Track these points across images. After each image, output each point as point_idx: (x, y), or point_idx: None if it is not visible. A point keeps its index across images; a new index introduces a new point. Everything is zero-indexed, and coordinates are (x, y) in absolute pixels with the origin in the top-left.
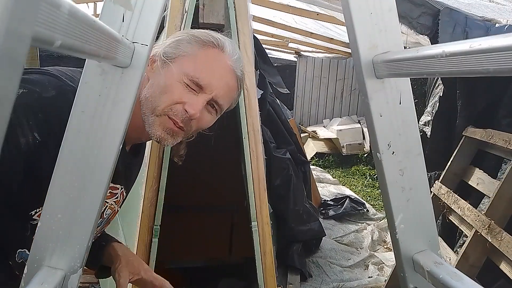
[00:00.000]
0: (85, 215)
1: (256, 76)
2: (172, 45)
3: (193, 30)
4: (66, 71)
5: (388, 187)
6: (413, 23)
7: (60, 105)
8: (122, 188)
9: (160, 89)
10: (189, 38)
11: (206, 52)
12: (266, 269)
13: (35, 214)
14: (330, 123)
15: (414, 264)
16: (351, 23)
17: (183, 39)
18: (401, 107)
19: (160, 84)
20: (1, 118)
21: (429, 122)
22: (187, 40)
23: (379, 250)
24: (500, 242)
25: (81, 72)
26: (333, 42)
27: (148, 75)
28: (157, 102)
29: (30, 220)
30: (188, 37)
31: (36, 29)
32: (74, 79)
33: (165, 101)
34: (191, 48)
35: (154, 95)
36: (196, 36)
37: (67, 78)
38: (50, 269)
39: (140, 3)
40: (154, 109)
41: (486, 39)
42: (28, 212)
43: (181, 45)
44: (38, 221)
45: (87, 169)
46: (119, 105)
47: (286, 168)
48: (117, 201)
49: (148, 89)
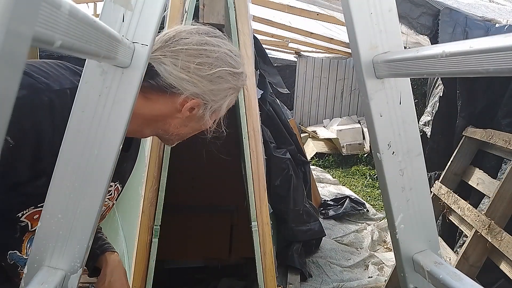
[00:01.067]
0: (85, 215)
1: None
2: (214, 90)
3: (228, 57)
4: (40, 65)
5: (388, 187)
6: (413, 23)
7: (32, 106)
8: (116, 183)
9: (190, 132)
10: (227, 75)
11: (235, 97)
12: (266, 269)
13: (22, 216)
14: (330, 123)
15: (414, 264)
16: (351, 23)
17: (223, 76)
18: (401, 107)
19: (193, 128)
20: (1, 118)
21: (429, 122)
22: (226, 81)
23: (379, 250)
24: (500, 242)
25: (63, 65)
26: (333, 42)
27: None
28: (181, 136)
29: (18, 222)
30: (226, 74)
31: (36, 29)
32: (49, 75)
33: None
34: (228, 94)
35: (182, 131)
36: (233, 73)
37: (40, 74)
38: (50, 269)
39: (140, 3)
40: (174, 137)
41: (486, 39)
42: (15, 214)
43: (222, 92)
44: (26, 223)
45: (87, 169)
46: (119, 105)
47: (286, 168)
48: (111, 197)
49: (180, 127)
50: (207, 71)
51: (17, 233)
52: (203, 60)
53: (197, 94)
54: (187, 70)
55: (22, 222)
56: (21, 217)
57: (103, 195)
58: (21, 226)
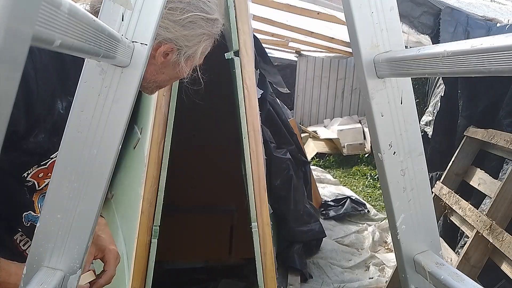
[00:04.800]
0: (85, 215)
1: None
2: (187, 35)
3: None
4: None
5: (390, 187)
6: (414, 22)
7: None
8: None
9: (167, 78)
10: (199, 20)
11: (210, 43)
12: (266, 270)
13: (28, 176)
14: (331, 123)
15: (415, 265)
16: (352, 22)
17: (195, 21)
18: (402, 106)
19: (169, 75)
20: (1, 118)
21: (431, 122)
22: (199, 26)
23: (380, 251)
24: (501, 243)
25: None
26: (334, 41)
27: (157, 60)
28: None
29: (25, 182)
30: (199, 19)
31: (36, 28)
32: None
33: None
34: (201, 40)
35: (159, 78)
36: (205, 18)
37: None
38: (49, 270)
39: (140, 2)
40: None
41: (488, 38)
42: (21, 174)
43: (195, 37)
44: (32, 182)
45: (86, 169)
46: (119, 105)
47: (287, 169)
48: None
49: (157, 74)
50: (178, 16)
51: (27, 194)
52: (175, 5)
53: (170, 39)
54: None
55: (29, 182)
56: (27, 177)
57: (103, 195)
58: (28, 186)
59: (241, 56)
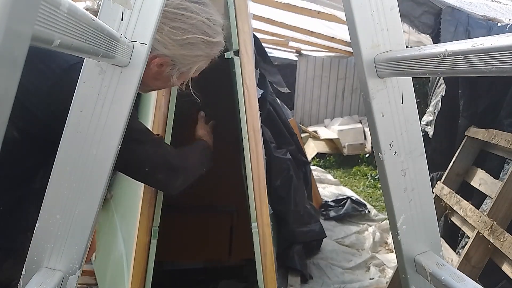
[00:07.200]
0: (84, 216)
1: (256, 76)
2: (185, 55)
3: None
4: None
5: (390, 187)
6: (415, 22)
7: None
8: None
9: (159, 85)
10: (200, 42)
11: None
12: (267, 271)
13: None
14: (331, 123)
15: (416, 266)
16: (353, 22)
17: (195, 43)
18: (403, 106)
19: (162, 83)
20: (1, 118)
21: (431, 122)
22: (198, 48)
23: (380, 251)
24: (502, 243)
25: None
26: (334, 41)
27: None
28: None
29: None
30: (199, 41)
31: (35, 28)
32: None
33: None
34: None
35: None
36: (206, 41)
37: None
38: (49, 270)
39: (139, 2)
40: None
41: (489, 38)
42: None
43: (192, 58)
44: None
45: (86, 169)
46: (118, 104)
47: (287, 169)
48: None
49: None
50: (180, 36)
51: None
52: (178, 25)
53: (166, 55)
54: (160, 31)
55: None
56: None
57: (102, 195)
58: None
59: (241, 56)
